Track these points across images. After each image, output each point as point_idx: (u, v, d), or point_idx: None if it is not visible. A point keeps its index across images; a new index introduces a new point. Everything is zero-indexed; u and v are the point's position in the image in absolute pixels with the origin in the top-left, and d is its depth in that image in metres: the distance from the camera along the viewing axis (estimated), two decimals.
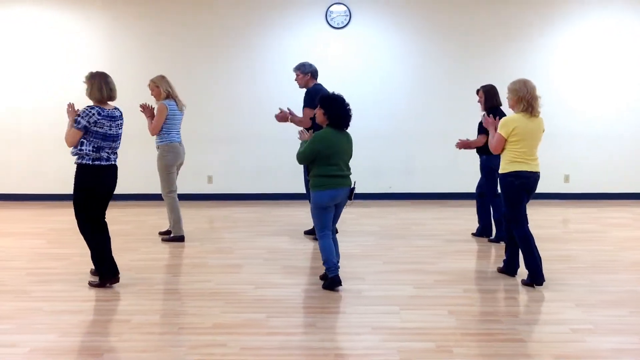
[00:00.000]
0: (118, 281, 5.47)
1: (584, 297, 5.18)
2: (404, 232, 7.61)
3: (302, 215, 8.06)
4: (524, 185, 5.43)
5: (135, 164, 9.37)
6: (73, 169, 5.31)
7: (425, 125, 9.85)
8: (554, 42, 9.73)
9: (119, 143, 5.48)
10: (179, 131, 7.10)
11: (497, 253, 6.60)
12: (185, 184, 9.84)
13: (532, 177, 5.46)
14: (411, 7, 9.70)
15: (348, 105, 5.34)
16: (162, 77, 7.03)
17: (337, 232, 5.75)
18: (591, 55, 9.75)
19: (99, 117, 5.25)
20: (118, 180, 5.47)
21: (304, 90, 7.19)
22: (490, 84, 7.08)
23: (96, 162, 5.29)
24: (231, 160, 9.95)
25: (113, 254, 5.48)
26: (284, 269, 6.01)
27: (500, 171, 5.54)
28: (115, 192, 5.49)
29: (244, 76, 9.78)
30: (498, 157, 5.70)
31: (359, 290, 5.36)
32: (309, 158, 5.29)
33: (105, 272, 5.43)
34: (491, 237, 7.10)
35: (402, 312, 4.81)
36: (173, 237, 7.10)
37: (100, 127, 5.26)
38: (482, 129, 6.90)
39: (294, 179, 7.63)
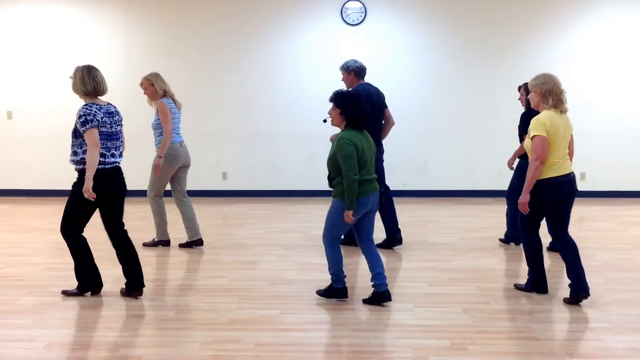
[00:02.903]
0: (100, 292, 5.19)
1: (599, 295, 5.14)
2: (419, 230, 7.59)
3: (317, 212, 8.07)
4: (557, 192, 4.96)
5: (150, 160, 9.42)
6: None
7: (441, 122, 9.82)
8: (572, 40, 9.64)
9: (122, 142, 5.09)
10: (179, 131, 6.62)
11: (513, 251, 6.57)
12: (199, 180, 9.93)
13: (567, 181, 4.99)
14: (426, 3, 9.66)
15: (365, 104, 4.91)
16: (157, 75, 6.55)
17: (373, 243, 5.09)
18: (609, 53, 9.65)
19: (101, 115, 4.85)
20: (136, 178, 5.31)
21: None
22: None
23: (100, 166, 4.84)
24: (246, 157, 9.98)
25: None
26: (298, 266, 6.02)
27: (556, 174, 4.96)
28: (131, 189, 5.33)
29: (259, 73, 9.79)
30: None
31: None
32: (355, 162, 4.71)
33: (89, 282, 5.14)
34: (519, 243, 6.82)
35: (417, 310, 4.81)
36: (158, 241, 6.71)
37: (103, 126, 4.86)
38: (521, 130, 6.48)
39: (309, 176, 7.64)
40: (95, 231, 5.37)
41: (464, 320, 4.61)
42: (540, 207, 5.00)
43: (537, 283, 5.19)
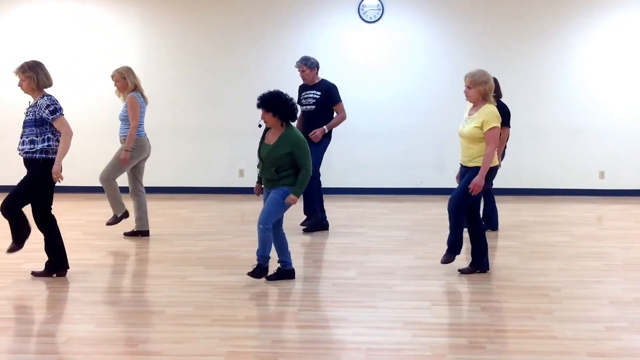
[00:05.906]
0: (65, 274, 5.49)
1: (618, 294, 5.10)
2: (436, 228, 7.56)
3: (335, 210, 8.07)
4: (493, 177, 5.84)
5: (167, 156, 9.48)
6: (104, 161, 5.29)
7: (459, 120, 9.74)
8: (591, 37, 9.55)
9: None
10: (143, 125, 6.84)
11: (530, 249, 6.53)
12: (216, 177, 9.96)
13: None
14: (443, 0, 9.62)
15: (288, 96, 5.22)
16: (129, 69, 6.77)
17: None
18: (628, 49, 9.55)
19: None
20: (153, 173, 5.51)
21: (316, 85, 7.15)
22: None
23: (50, 156, 5.28)
24: None
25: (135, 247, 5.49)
26: (315, 263, 6.03)
27: (493, 164, 5.59)
28: (148, 185, 5.54)
29: (276, 70, 9.77)
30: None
31: (390, 285, 5.36)
32: None
33: (63, 262, 5.50)
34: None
35: (434, 308, 4.80)
36: (119, 218, 6.88)
37: None
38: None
39: (327, 172, 7.62)
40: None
41: (482, 318, 4.59)
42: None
43: (482, 260, 5.57)
